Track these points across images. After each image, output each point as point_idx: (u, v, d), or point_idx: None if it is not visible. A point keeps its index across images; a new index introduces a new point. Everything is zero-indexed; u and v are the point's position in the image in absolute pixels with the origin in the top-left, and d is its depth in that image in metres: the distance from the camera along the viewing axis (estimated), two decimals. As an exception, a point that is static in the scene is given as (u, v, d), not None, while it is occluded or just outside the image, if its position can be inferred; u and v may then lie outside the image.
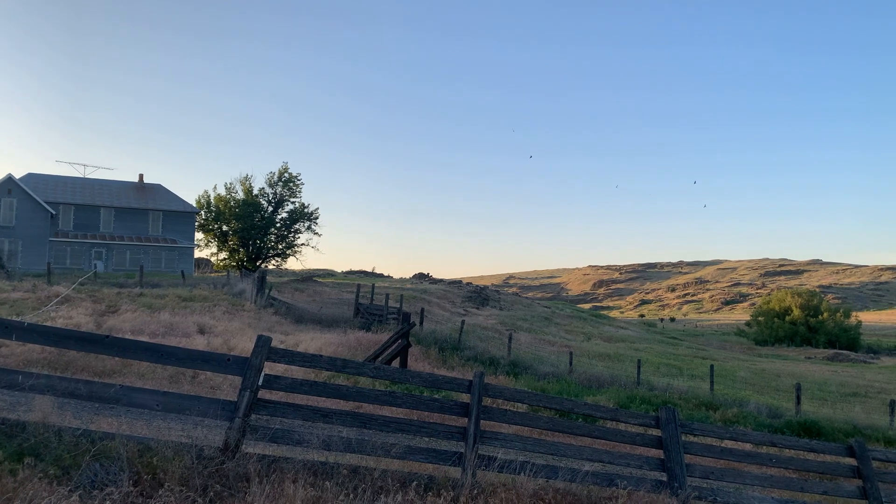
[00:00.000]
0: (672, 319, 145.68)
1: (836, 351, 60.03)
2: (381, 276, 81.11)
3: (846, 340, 68.44)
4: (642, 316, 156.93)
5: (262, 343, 6.26)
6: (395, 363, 17.17)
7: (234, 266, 54.81)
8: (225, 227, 55.44)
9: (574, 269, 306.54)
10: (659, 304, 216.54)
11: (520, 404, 12.45)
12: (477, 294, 62.82)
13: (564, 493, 5.97)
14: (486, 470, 6.29)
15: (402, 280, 76.41)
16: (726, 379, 27.13)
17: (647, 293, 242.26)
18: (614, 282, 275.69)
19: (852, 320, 73.57)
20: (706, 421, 15.68)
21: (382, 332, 23.52)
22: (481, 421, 6.62)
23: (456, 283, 70.11)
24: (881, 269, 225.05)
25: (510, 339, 24.74)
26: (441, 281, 75.93)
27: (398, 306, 28.86)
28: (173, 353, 6.33)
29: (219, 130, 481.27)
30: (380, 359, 16.85)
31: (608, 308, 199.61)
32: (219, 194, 56.25)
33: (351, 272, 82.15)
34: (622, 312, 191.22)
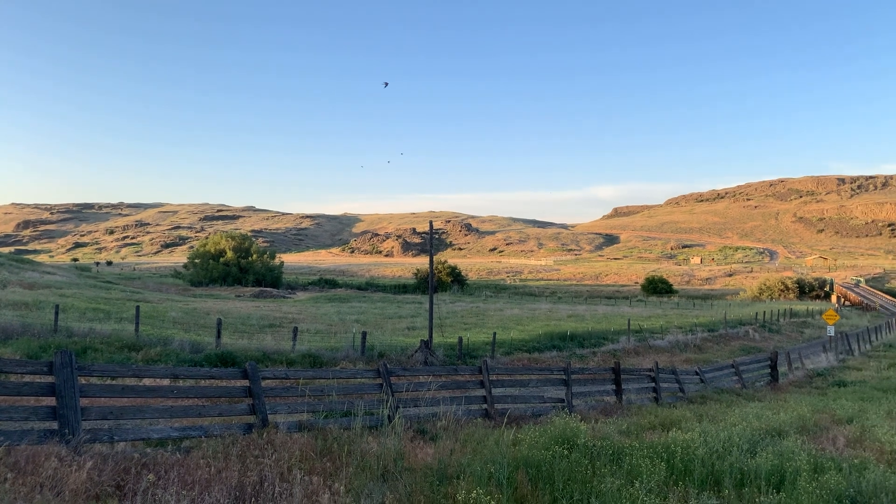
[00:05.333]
0: (109, 263, 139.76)
1: (262, 289, 66.96)
2: None
3: (271, 279, 76.99)
4: (76, 260, 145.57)
5: None
6: None
7: None
8: None
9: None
10: (96, 247, 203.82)
11: None
12: None
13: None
14: None
15: None
16: (157, 320, 27.30)
17: (83, 235, 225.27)
18: (43, 223, 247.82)
19: (277, 261, 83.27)
20: (128, 362, 15.49)
21: None
22: None
23: None
24: (302, 217, 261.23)
25: None
26: None
27: None
28: None
29: None
30: None
31: (35, 252, 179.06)
32: None
33: None
34: (52, 256, 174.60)
